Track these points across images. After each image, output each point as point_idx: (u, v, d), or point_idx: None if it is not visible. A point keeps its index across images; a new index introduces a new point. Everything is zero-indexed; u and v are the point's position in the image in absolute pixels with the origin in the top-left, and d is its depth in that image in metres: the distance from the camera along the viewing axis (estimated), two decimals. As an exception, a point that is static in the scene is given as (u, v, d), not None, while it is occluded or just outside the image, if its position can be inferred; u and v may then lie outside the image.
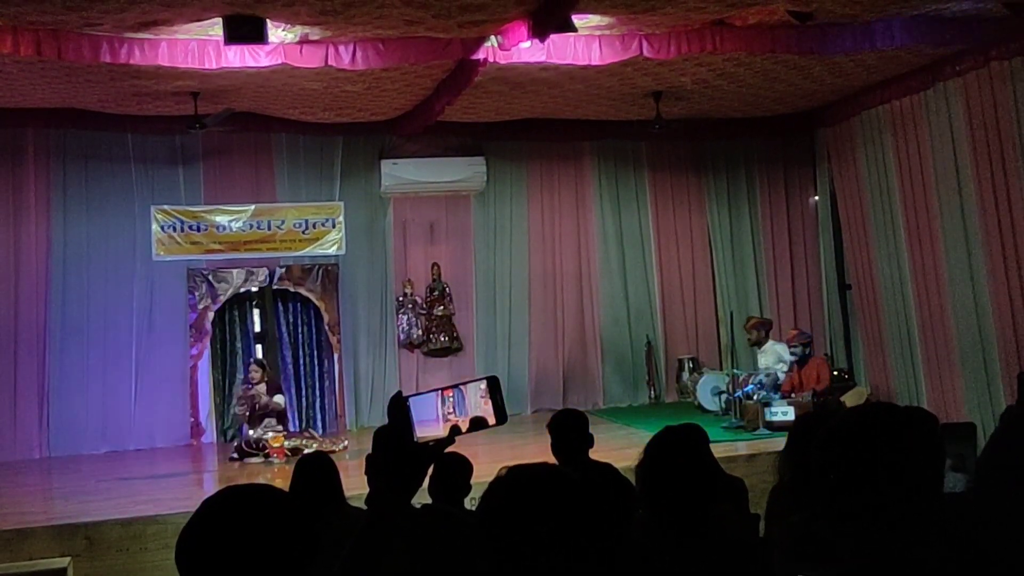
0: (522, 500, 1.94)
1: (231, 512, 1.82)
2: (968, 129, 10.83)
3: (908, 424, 2.06)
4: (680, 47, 9.33)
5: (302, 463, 4.90)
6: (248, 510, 1.82)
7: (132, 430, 12.68)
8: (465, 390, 2.01)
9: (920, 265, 11.85)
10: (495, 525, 1.94)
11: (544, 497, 1.94)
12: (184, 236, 13.08)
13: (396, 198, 13.88)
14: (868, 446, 2.01)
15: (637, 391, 14.44)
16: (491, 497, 1.99)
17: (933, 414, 2.18)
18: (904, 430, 2.04)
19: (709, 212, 14.74)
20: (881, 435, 2.02)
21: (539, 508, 1.92)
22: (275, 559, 1.79)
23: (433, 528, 3.68)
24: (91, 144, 12.69)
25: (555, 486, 1.96)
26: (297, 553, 1.84)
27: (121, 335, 12.76)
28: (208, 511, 1.83)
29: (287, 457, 10.81)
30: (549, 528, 1.89)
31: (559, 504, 1.92)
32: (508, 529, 1.91)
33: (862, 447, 2.01)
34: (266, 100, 11.58)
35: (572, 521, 1.91)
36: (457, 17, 8.44)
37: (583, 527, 1.92)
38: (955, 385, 11.35)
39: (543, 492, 1.95)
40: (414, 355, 13.91)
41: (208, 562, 1.78)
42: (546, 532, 1.89)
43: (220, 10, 8.03)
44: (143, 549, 8.20)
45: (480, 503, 2.02)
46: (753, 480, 5.66)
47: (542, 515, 1.91)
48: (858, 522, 1.99)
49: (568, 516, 1.91)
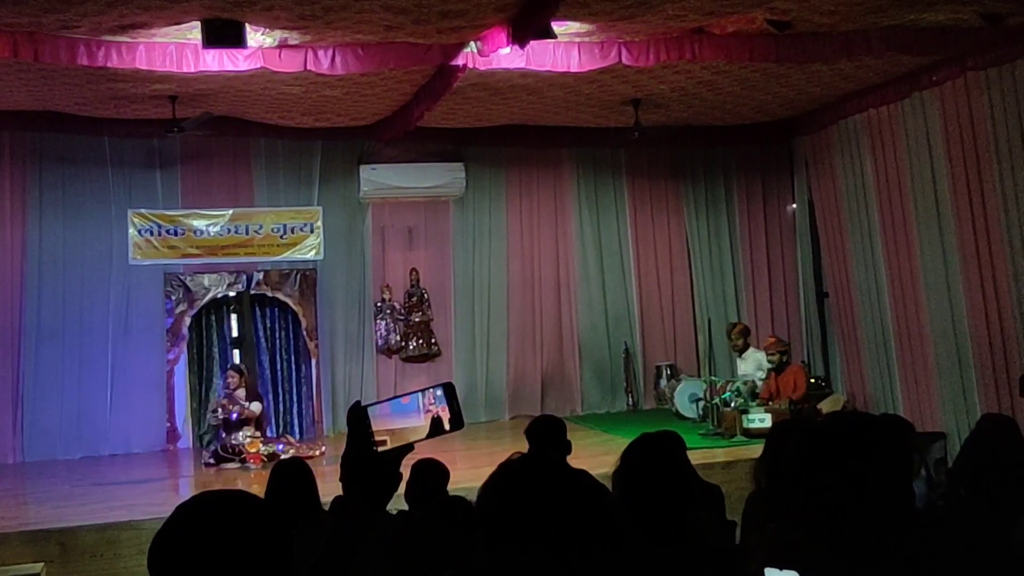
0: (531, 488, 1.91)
1: (204, 518, 1.80)
2: (944, 138, 10.90)
3: (879, 433, 2.06)
4: (659, 55, 9.35)
5: (278, 469, 4.88)
6: (221, 516, 1.81)
7: (108, 435, 12.59)
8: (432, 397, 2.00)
9: (896, 273, 11.91)
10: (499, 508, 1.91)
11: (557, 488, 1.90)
12: (161, 240, 13.01)
13: (375, 203, 13.85)
14: (839, 455, 2.02)
15: (615, 398, 14.45)
16: (499, 479, 1.96)
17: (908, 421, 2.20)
18: (874, 439, 2.05)
19: (688, 219, 14.78)
20: (852, 444, 2.03)
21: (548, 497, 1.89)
22: (249, 566, 1.78)
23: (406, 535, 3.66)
24: (68, 147, 12.61)
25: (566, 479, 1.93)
26: (271, 560, 1.83)
27: (97, 339, 12.68)
28: (181, 517, 1.81)
29: (264, 462, 10.79)
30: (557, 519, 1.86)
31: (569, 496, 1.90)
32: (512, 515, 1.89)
33: (833, 455, 2.02)
34: (245, 104, 11.54)
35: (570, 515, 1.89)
36: (436, 23, 8.44)
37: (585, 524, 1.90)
38: (931, 393, 11.41)
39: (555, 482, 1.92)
40: (392, 361, 13.87)
41: (181, 569, 1.77)
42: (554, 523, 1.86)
43: (198, 13, 8.00)
44: (117, 555, 8.15)
45: (487, 484, 1.98)
46: (730, 487, 5.68)
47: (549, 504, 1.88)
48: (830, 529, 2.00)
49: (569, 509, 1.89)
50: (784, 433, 4.39)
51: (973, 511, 3.45)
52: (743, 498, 4.62)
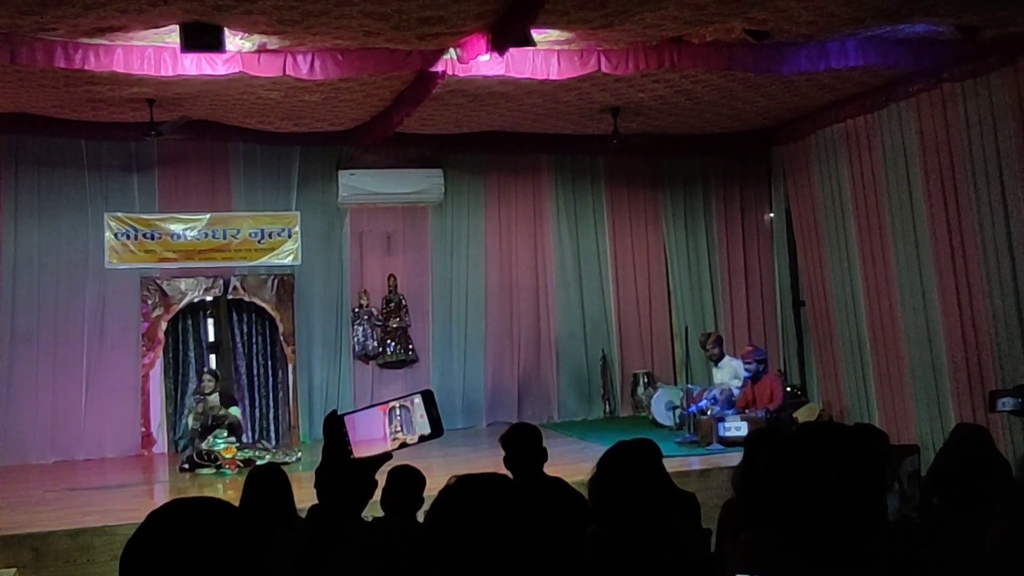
0: (470, 509, 1.94)
1: (177, 525, 1.79)
2: (920, 149, 10.98)
3: (851, 443, 2.07)
4: (638, 63, 9.39)
5: (254, 474, 4.86)
6: (194, 523, 1.80)
7: (82, 440, 12.52)
8: (411, 406, 2.00)
9: (873, 283, 11.97)
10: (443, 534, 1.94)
11: (492, 506, 1.93)
12: (138, 244, 12.94)
13: (353, 209, 13.83)
14: (811, 465, 2.03)
15: (592, 405, 14.47)
16: (439, 506, 1.98)
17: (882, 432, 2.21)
18: (847, 449, 2.06)
19: (665, 227, 14.82)
20: (824, 454, 2.04)
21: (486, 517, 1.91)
22: (221, 574, 1.77)
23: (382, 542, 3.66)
24: (44, 150, 12.53)
25: (503, 496, 1.96)
26: (245, 567, 1.82)
27: (72, 343, 12.60)
28: (154, 523, 1.80)
29: (239, 468, 10.74)
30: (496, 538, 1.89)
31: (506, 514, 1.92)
32: (456, 538, 1.91)
33: (806, 465, 2.03)
34: (223, 108, 11.50)
35: (520, 532, 1.91)
36: (416, 29, 8.44)
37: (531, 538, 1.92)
38: (905, 402, 11.47)
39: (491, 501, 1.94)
40: (369, 367, 13.85)
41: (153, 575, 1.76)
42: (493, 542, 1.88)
43: (177, 17, 7.96)
44: (90, 561, 8.10)
45: (428, 512, 2.02)
46: (705, 495, 5.68)
47: (489, 524, 1.90)
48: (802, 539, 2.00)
49: (515, 526, 1.91)
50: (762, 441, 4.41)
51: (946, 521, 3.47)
52: (718, 506, 4.64)
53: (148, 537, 1.78)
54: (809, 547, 1.99)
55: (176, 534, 1.78)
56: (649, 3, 8.01)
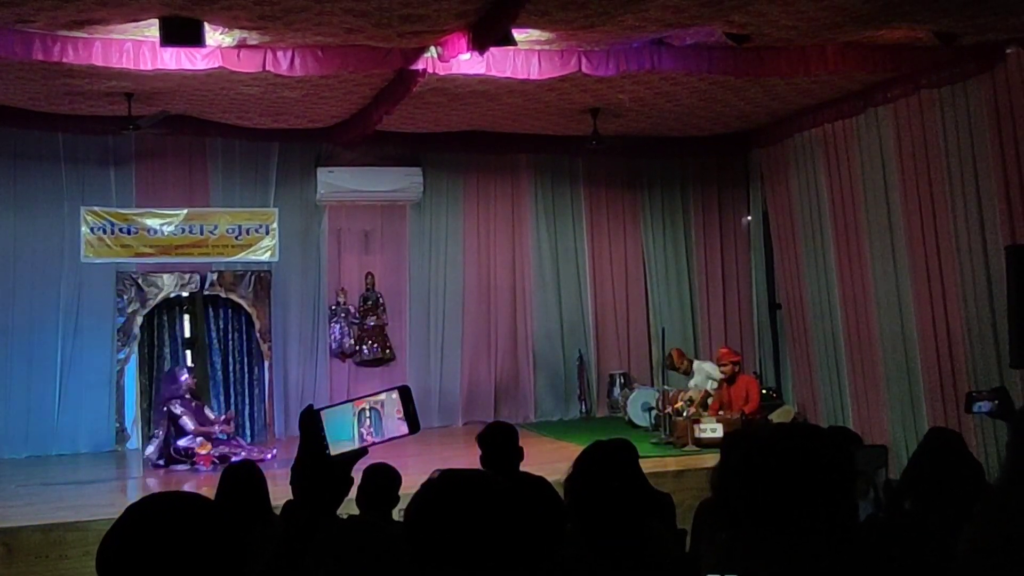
0: (452, 505, 1.94)
1: (154, 520, 1.79)
2: (898, 154, 11.04)
3: (825, 444, 2.09)
4: (619, 64, 9.41)
5: (229, 471, 4.85)
6: (171, 518, 1.79)
7: (56, 434, 12.44)
8: (381, 408, 1.99)
9: (849, 286, 12.04)
10: (422, 529, 1.93)
11: (475, 503, 1.93)
12: (114, 239, 12.88)
13: (331, 206, 13.80)
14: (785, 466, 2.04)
15: (568, 405, 14.49)
16: (420, 499, 1.98)
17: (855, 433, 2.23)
18: (818, 450, 2.07)
19: (644, 229, 14.85)
20: (796, 455, 2.05)
21: (469, 514, 1.91)
22: (198, 569, 1.77)
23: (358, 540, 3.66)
24: (20, 142, 12.44)
25: (487, 493, 1.96)
26: (222, 563, 1.81)
27: (47, 337, 12.52)
28: (130, 518, 1.79)
29: (214, 465, 10.71)
30: (477, 535, 1.89)
31: (490, 512, 1.92)
32: (436, 534, 1.91)
33: (779, 467, 2.04)
34: (202, 103, 11.46)
35: (502, 530, 1.91)
36: (397, 27, 8.43)
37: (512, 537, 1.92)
38: (880, 405, 11.52)
39: (474, 498, 1.94)
40: (345, 364, 13.83)
41: (130, 571, 1.75)
42: (474, 539, 1.89)
43: (157, 11, 7.93)
44: (63, 556, 8.05)
45: (408, 504, 2.01)
46: (681, 496, 5.70)
47: (472, 521, 1.90)
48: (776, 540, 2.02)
49: (498, 525, 1.91)
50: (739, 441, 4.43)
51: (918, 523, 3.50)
52: (694, 507, 4.66)
53: (126, 531, 1.78)
54: (783, 548, 2.00)
55: (155, 528, 1.77)
56: (630, 5, 8.02)
